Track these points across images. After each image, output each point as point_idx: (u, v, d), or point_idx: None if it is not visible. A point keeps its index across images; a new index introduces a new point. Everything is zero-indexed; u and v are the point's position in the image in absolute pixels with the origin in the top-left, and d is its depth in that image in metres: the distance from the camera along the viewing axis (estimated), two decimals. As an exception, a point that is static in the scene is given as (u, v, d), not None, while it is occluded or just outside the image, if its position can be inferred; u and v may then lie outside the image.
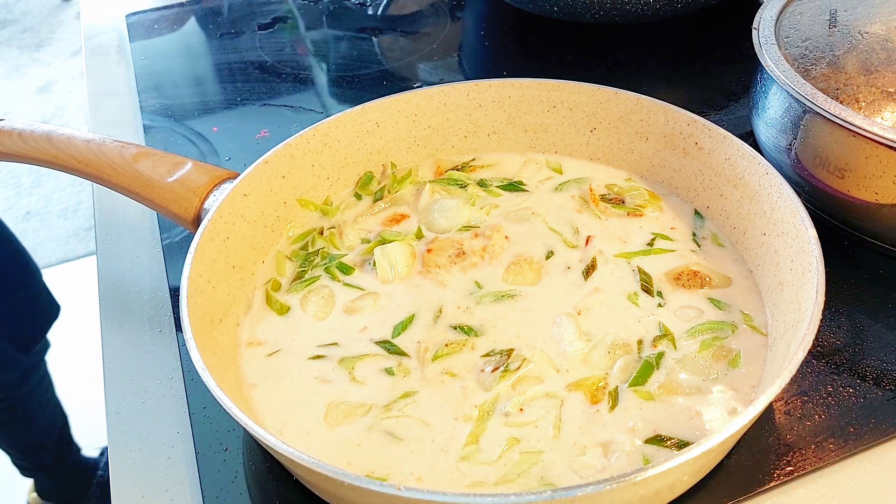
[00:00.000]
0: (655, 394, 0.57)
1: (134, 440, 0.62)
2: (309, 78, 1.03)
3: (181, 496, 0.58)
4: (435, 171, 0.78)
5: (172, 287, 0.73)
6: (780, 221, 0.61)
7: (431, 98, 0.76)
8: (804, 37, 0.73)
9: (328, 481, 0.48)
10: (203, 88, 1.03)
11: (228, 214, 0.65)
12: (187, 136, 0.94)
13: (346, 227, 0.72)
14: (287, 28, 1.15)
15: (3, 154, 0.75)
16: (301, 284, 0.68)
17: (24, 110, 3.42)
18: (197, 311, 0.58)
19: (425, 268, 0.68)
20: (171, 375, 0.66)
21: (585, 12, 0.94)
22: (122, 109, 1.02)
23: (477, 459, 0.54)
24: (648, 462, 0.53)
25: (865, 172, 0.63)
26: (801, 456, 0.55)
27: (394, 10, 1.17)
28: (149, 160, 0.70)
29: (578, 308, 0.63)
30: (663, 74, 0.97)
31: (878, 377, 0.60)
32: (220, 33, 1.14)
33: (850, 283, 0.67)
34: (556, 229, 0.71)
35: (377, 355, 0.61)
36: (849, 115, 0.62)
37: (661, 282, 0.65)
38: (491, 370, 0.59)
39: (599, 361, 0.59)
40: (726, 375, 0.58)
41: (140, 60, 1.09)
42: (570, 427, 0.55)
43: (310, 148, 0.72)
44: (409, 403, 0.58)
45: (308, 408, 0.58)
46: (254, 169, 0.68)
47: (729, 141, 0.67)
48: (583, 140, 0.77)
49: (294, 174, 0.72)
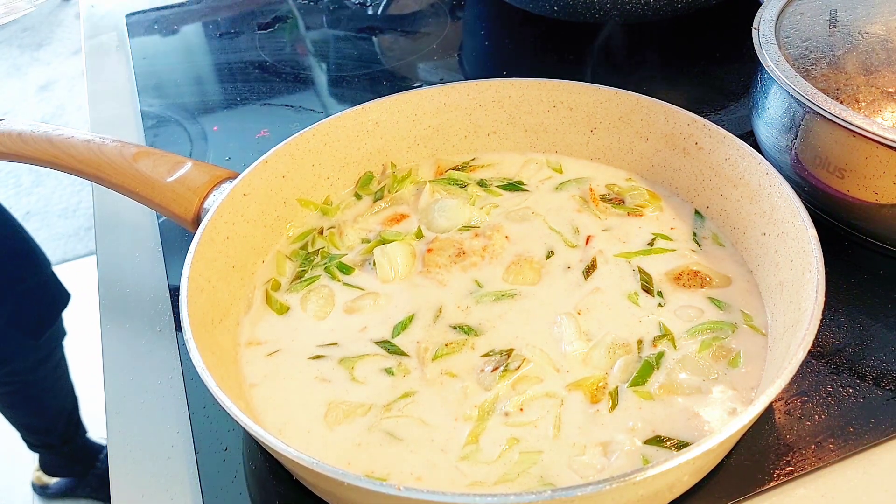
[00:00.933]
0: (655, 394, 0.57)
1: (134, 440, 0.62)
2: (309, 78, 1.03)
3: (181, 496, 0.58)
4: (435, 170, 0.78)
5: (172, 287, 0.73)
6: (780, 221, 0.61)
7: (431, 98, 0.76)
8: (804, 37, 0.73)
9: (328, 481, 0.48)
10: (203, 88, 1.03)
11: (228, 214, 0.65)
12: (187, 135, 0.94)
13: (346, 226, 0.72)
14: (287, 28, 1.15)
15: (3, 154, 0.75)
16: (301, 284, 0.68)
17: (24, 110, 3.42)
18: (197, 311, 0.58)
19: (425, 267, 0.68)
20: (171, 375, 0.66)
21: (585, 12, 0.94)
22: (122, 109, 1.02)
23: (477, 459, 0.54)
24: (648, 462, 0.53)
25: (865, 172, 0.63)
26: (800, 456, 0.55)
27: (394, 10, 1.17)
28: (149, 160, 0.70)
29: (578, 308, 0.63)
30: (663, 74, 0.97)
31: (878, 377, 0.60)
32: (220, 33, 1.14)
33: (850, 283, 0.67)
34: (556, 229, 0.71)
35: (377, 355, 0.61)
36: (849, 115, 0.62)
37: (661, 282, 0.65)
38: (491, 370, 0.59)
39: (599, 361, 0.59)
40: (726, 375, 0.58)
41: (140, 60, 1.09)
42: (570, 427, 0.55)
43: (310, 148, 0.72)
44: (408, 403, 0.58)
45: (308, 407, 0.58)
46: (254, 169, 0.68)
47: (729, 141, 0.67)
48: (583, 140, 0.77)
49: (294, 174, 0.72)
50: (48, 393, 1.71)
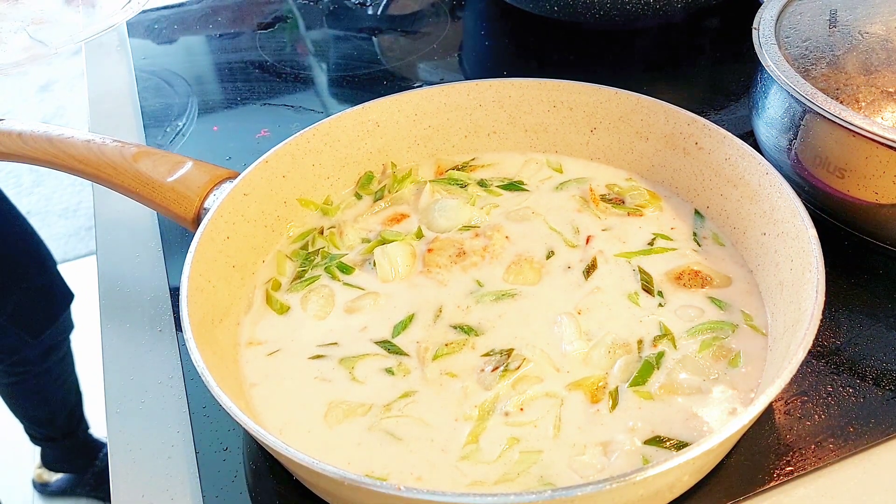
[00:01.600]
0: (655, 394, 0.57)
1: (134, 440, 0.62)
2: (309, 78, 1.03)
3: (181, 496, 0.58)
4: (435, 170, 0.78)
5: (172, 287, 0.73)
6: (780, 221, 0.61)
7: (431, 98, 0.76)
8: (804, 37, 0.73)
9: (328, 481, 0.48)
10: (203, 88, 1.03)
11: (229, 214, 0.65)
12: (187, 135, 0.94)
13: (347, 226, 0.72)
14: (287, 28, 1.15)
15: (3, 154, 0.75)
16: (301, 284, 0.68)
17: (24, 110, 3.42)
18: (197, 311, 0.58)
19: (426, 267, 0.68)
20: (171, 375, 0.66)
21: (585, 12, 0.94)
22: (122, 109, 1.02)
23: (477, 459, 0.54)
24: (648, 462, 0.53)
25: (865, 172, 0.63)
26: (800, 456, 0.55)
27: (394, 9, 1.17)
28: (149, 160, 0.70)
29: (579, 308, 0.63)
30: (663, 74, 0.97)
31: (878, 377, 0.60)
32: (220, 33, 1.14)
33: (850, 283, 0.67)
34: (556, 229, 0.71)
35: (377, 355, 0.61)
36: (849, 114, 0.62)
37: (661, 282, 0.65)
38: (491, 370, 0.59)
39: (599, 361, 0.59)
40: (726, 375, 0.58)
41: (140, 60, 1.09)
42: (570, 427, 0.55)
43: (310, 147, 0.72)
44: (409, 403, 0.58)
45: (308, 407, 0.58)
46: (254, 168, 0.68)
47: (729, 141, 0.67)
48: (583, 140, 0.77)
49: (294, 174, 0.72)
50: (53, 384, 1.73)
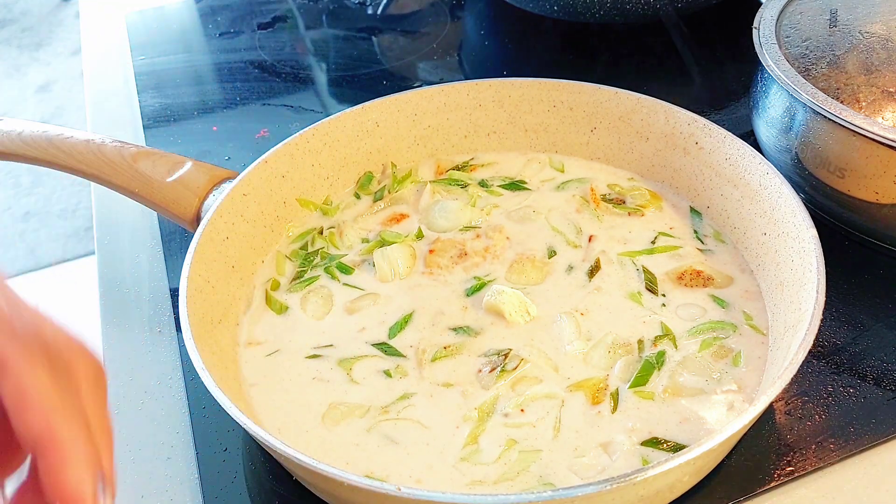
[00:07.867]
0: (656, 394, 0.57)
1: (133, 440, 0.62)
2: (309, 77, 1.03)
3: (181, 496, 0.58)
4: (435, 170, 0.78)
5: (172, 287, 0.73)
6: (781, 221, 0.61)
7: (431, 98, 0.76)
8: (804, 36, 0.73)
9: (328, 481, 0.48)
10: (203, 88, 1.02)
11: (228, 214, 0.65)
12: (187, 135, 0.94)
13: (346, 226, 0.72)
14: (287, 27, 1.15)
15: (2, 154, 0.75)
16: (300, 284, 0.68)
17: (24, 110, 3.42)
18: (196, 311, 0.58)
19: (427, 268, 0.68)
20: (171, 375, 0.66)
21: (585, 12, 0.94)
22: (122, 109, 1.01)
23: (476, 460, 0.54)
24: (648, 463, 0.52)
25: (866, 172, 0.63)
26: (801, 456, 0.55)
27: (394, 9, 1.17)
28: (148, 160, 0.70)
29: (580, 308, 0.63)
30: (663, 74, 0.97)
31: (878, 377, 0.60)
32: (220, 33, 1.14)
33: (850, 283, 0.67)
34: (558, 229, 0.70)
35: (374, 356, 0.61)
36: (849, 114, 0.62)
37: (663, 281, 0.65)
38: (489, 371, 0.59)
39: (600, 361, 0.59)
40: (727, 375, 0.58)
41: (140, 60, 1.09)
42: (570, 428, 0.55)
43: (310, 147, 0.72)
44: (406, 406, 0.57)
45: (307, 408, 0.58)
46: (253, 168, 0.68)
47: (729, 141, 0.67)
48: (583, 140, 0.77)
49: (294, 174, 0.72)
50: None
